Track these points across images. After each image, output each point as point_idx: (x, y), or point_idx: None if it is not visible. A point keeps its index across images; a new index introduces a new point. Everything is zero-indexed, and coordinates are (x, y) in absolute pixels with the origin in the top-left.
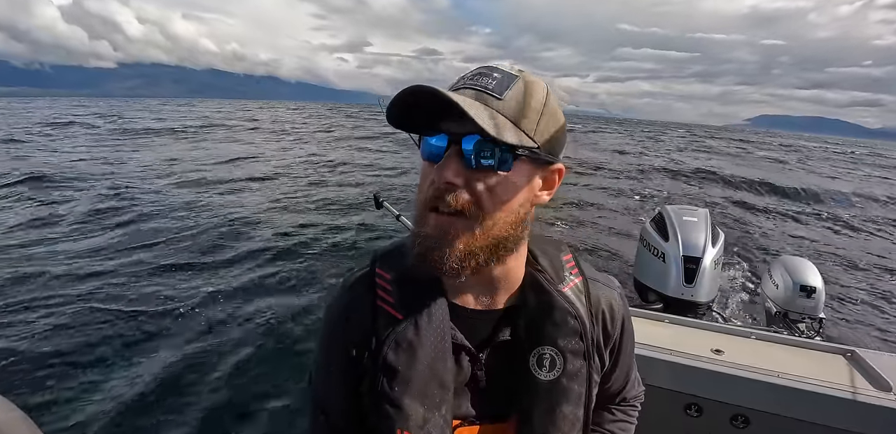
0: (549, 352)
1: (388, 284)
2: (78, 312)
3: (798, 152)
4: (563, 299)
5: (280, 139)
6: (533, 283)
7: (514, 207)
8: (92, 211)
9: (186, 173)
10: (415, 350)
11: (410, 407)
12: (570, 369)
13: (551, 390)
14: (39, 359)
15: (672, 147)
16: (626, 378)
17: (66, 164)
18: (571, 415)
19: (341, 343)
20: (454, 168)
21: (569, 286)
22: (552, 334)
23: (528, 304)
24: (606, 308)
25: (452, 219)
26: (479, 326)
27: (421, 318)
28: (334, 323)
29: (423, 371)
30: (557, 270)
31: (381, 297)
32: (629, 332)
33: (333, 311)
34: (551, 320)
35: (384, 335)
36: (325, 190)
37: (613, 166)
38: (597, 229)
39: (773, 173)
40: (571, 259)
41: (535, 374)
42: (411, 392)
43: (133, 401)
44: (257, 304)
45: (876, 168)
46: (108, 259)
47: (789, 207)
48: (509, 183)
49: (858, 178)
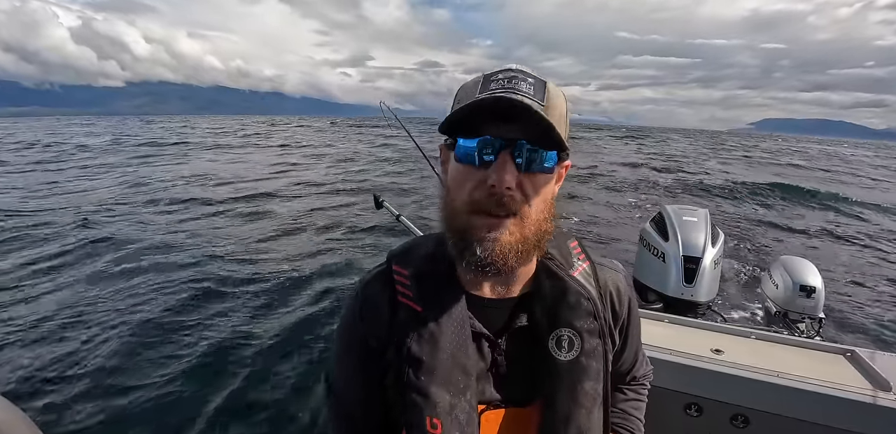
0: (566, 333)
1: (407, 280)
2: (78, 313)
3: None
4: (575, 283)
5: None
6: (545, 269)
7: (550, 203)
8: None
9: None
10: (437, 340)
11: (437, 394)
12: (587, 348)
13: (571, 369)
14: (39, 359)
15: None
16: (636, 357)
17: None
18: (592, 390)
19: (361, 338)
20: (512, 172)
21: (578, 271)
22: (568, 316)
23: (542, 290)
24: (614, 290)
25: (505, 220)
26: (496, 314)
27: (440, 309)
28: (353, 319)
29: (447, 360)
30: (566, 257)
31: (400, 292)
32: (635, 312)
33: (353, 308)
34: (566, 303)
35: (406, 328)
36: (326, 190)
37: (614, 168)
38: (597, 229)
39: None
40: (578, 246)
41: (555, 356)
42: (437, 380)
43: (133, 401)
44: (258, 305)
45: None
46: (110, 259)
47: (789, 207)
48: (548, 181)
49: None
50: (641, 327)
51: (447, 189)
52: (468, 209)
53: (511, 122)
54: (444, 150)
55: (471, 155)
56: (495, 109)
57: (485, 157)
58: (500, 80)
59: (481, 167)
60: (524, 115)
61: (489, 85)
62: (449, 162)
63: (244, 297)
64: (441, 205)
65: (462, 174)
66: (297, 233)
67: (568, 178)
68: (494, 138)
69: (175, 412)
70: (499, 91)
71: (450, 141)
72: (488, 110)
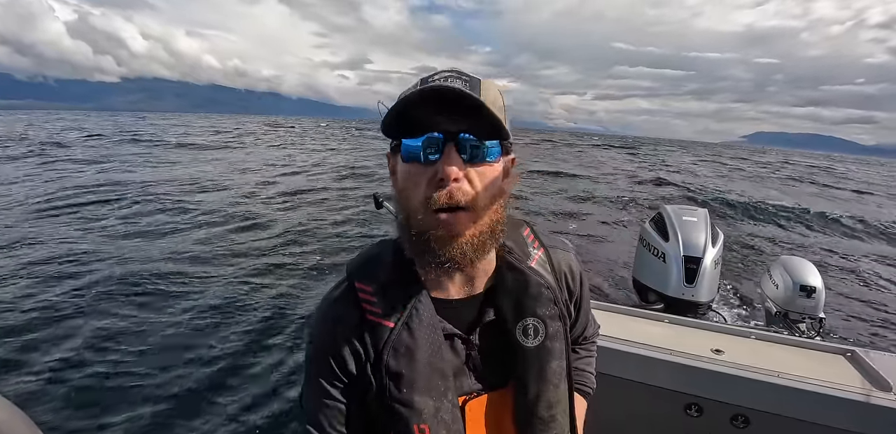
0: (531, 322)
1: (372, 296)
2: (78, 313)
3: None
4: (534, 274)
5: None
6: (505, 263)
7: (500, 193)
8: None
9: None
10: (412, 352)
11: (420, 402)
12: (550, 331)
13: (538, 354)
14: (40, 359)
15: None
16: (586, 321)
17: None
18: (558, 367)
19: (334, 358)
20: (458, 164)
21: (535, 260)
22: (531, 306)
23: (505, 284)
24: (567, 270)
25: (460, 214)
26: (465, 312)
27: (412, 320)
28: (323, 340)
29: (424, 368)
30: (522, 247)
31: (367, 310)
32: (586, 283)
33: (320, 330)
34: (528, 294)
35: (381, 345)
36: (327, 191)
37: (614, 169)
38: (597, 229)
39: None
40: (530, 233)
41: (522, 344)
42: (418, 389)
43: (134, 400)
44: (258, 306)
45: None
46: (110, 259)
47: (790, 207)
48: (496, 172)
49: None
50: (640, 327)
51: (399, 192)
52: (423, 209)
53: (450, 116)
54: (391, 157)
55: (416, 153)
56: (433, 101)
57: (430, 154)
58: (436, 80)
59: (428, 164)
60: (460, 103)
61: (425, 85)
62: (397, 166)
63: (244, 299)
64: (396, 209)
65: (411, 174)
66: (297, 234)
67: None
68: (436, 134)
69: (176, 412)
70: (435, 88)
71: (394, 143)
72: (426, 103)
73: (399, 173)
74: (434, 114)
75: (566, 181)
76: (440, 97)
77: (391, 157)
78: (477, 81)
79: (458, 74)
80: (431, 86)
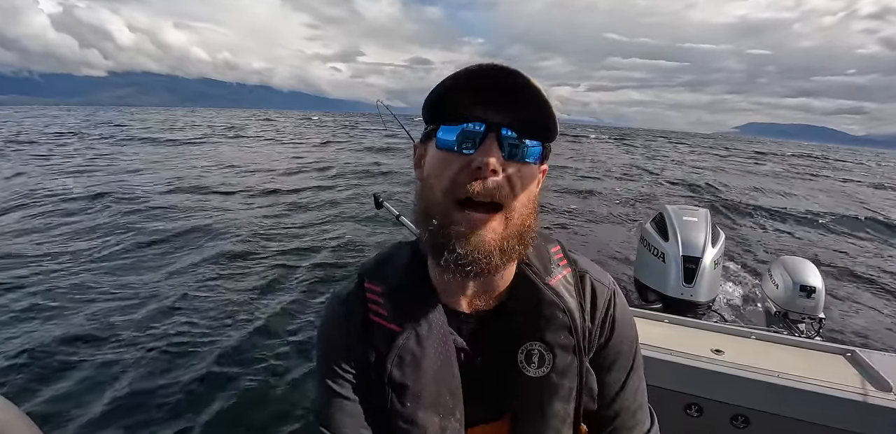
0: (537, 347)
1: (379, 297)
2: (78, 313)
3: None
4: (551, 292)
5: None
6: (521, 277)
7: (534, 198)
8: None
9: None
10: (419, 361)
11: (425, 419)
12: (559, 365)
13: (541, 387)
14: (40, 359)
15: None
16: (629, 406)
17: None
18: (562, 410)
19: (340, 357)
20: (498, 155)
21: (557, 278)
22: (540, 329)
23: (516, 300)
24: (603, 305)
25: (490, 216)
26: (473, 327)
27: (420, 327)
28: (330, 338)
29: (431, 382)
30: (545, 262)
31: (373, 311)
32: (634, 347)
33: (326, 331)
34: (539, 315)
35: (384, 351)
36: (326, 191)
37: (615, 168)
38: (597, 229)
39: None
40: (560, 251)
41: (523, 371)
42: (424, 405)
43: (134, 400)
44: (258, 307)
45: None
46: (111, 258)
47: (790, 207)
48: (534, 174)
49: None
50: (640, 327)
51: (423, 180)
52: (449, 200)
53: (499, 106)
54: (419, 146)
55: (455, 141)
56: (483, 88)
57: (468, 144)
58: (484, 68)
59: (463, 154)
60: (518, 93)
61: (472, 71)
62: (425, 157)
63: (243, 300)
64: (416, 200)
65: (443, 161)
66: (296, 234)
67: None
68: (479, 124)
69: (177, 413)
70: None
71: (430, 128)
72: (470, 88)
73: (428, 160)
74: (476, 101)
75: (563, 176)
76: (488, 82)
77: (419, 146)
78: (526, 77)
79: (500, 69)
80: (489, 65)
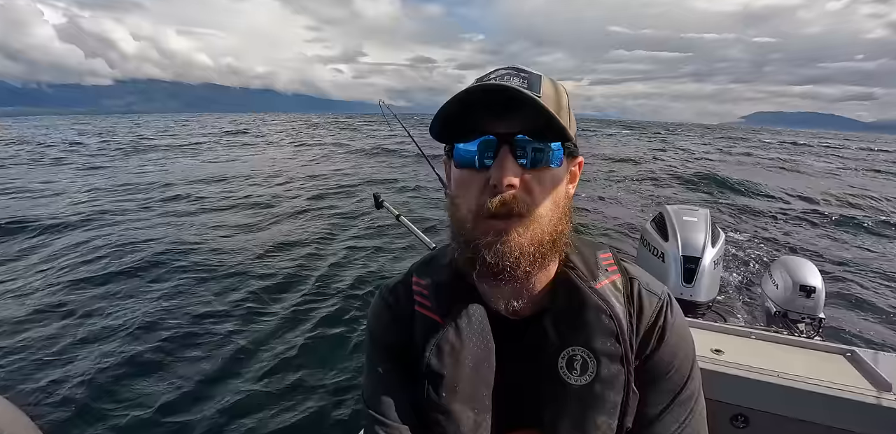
0: (580, 353)
1: (425, 289)
2: (79, 313)
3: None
4: (596, 296)
5: None
6: (563, 280)
7: (563, 201)
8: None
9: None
10: (458, 353)
11: (460, 412)
12: (604, 374)
13: (583, 397)
14: (40, 359)
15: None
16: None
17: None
18: (604, 425)
19: (384, 343)
20: (513, 169)
21: (604, 283)
22: (584, 334)
23: (557, 303)
24: (652, 314)
25: (513, 222)
26: (512, 329)
27: (461, 320)
28: (374, 329)
29: (469, 374)
30: (591, 267)
31: (418, 303)
32: (680, 358)
33: (373, 318)
34: (582, 319)
35: (425, 341)
36: (324, 190)
37: (615, 167)
38: (597, 229)
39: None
40: (611, 258)
41: (564, 378)
42: (461, 397)
43: (134, 400)
44: (258, 307)
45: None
46: (113, 258)
47: (790, 207)
48: (557, 178)
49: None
50: None
51: (451, 200)
52: (474, 216)
53: (508, 116)
54: (447, 161)
55: (469, 158)
56: (488, 101)
57: (484, 159)
58: (491, 79)
59: (482, 170)
60: (518, 103)
61: (483, 82)
62: (451, 172)
63: (243, 300)
64: (448, 214)
65: (464, 180)
66: (296, 234)
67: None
68: (492, 137)
69: (176, 412)
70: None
71: (447, 148)
72: (480, 104)
73: (453, 179)
74: (486, 115)
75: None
76: (491, 96)
77: (447, 161)
78: (537, 78)
79: (515, 71)
80: (480, 85)
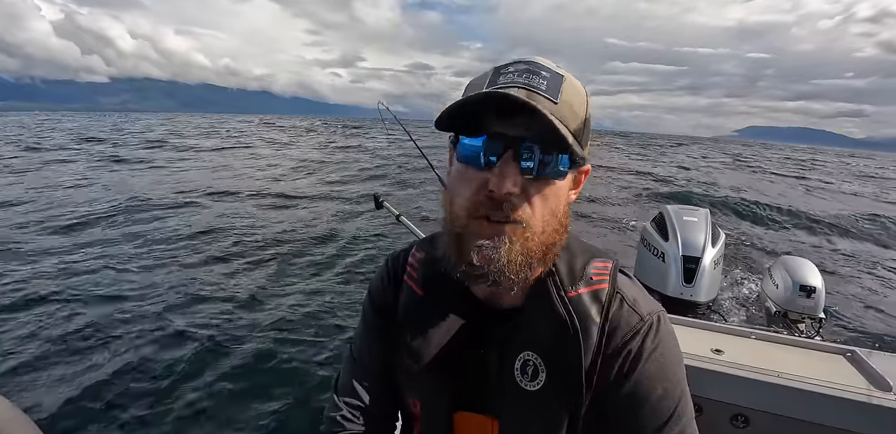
0: (532, 359)
1: (417, 262)
2: (79, 313)
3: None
4: (563, 305)
5: None
6: (540, 283)
7: (560, 213)
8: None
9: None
10: (428, 327)
11: (427, 379)
12: (552, 384)
13: (530, 402)
14: (40, 359)
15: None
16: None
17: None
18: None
19: (374, 308)
20: (513, 176)
21: (581, 291)
22: (539, 341)
23: (527, 306)
24: (624, 331)
25: (506, 227)
26: (485, 319)
27: (440, 298)
28: (372, 288)
29: (437, 345)
30: (573, 274)
31: (408, 273)
32: (658, 393)
33: (379, 278)
34: (542, 326)
35: (406, 309)
36: (325, 190)
37: (615, 167)
38: (597, 229)
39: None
40: (606, 268)
41: (517, 381)
42: (430, 366)
43: (134, 400)
44: (258, 306)
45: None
46: (113, 258)
47: (790, 208)
48: (559, 190)
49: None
50: None
51: (448, 189)
52: (467, 213)
53: (517, 119)
54: (451, 148)
55: (471, 156)
56: (499, 106)
57: (486, 159)
58: (510, 73)
59: (484, 169)
60: (530, 109)
61: (498, 79)
62: (453, 161)
63: (243, 300)
64: (443, 210)
65: (463, 176)
66: (295, 234)
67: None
68: (499, 138)
69: (176, 412)
70: (508, 85)
71: (453, 137)
72: (491, 106)
73: (452, 171)
74: (496, 114)
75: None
76: (509, 99)
77: (451, 150)
78: (558, 79)
79: (537, 68)
80: (501, 93)
